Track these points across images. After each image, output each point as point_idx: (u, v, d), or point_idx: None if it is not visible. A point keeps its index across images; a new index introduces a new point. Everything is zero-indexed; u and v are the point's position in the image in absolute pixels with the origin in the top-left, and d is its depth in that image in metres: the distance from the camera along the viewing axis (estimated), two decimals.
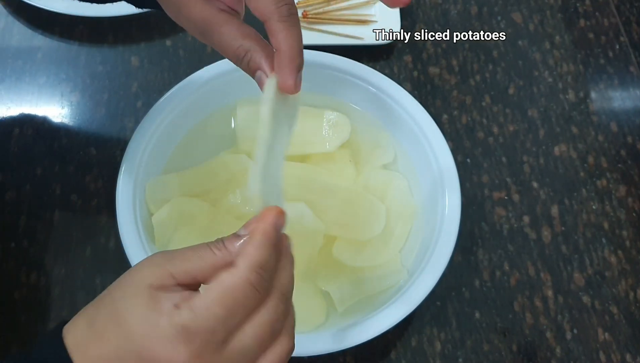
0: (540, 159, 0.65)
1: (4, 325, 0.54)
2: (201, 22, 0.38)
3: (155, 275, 0.33)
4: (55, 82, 0.67)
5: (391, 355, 0.55)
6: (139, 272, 0.34)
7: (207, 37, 0.38)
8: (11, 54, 0.68)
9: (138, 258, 0.48)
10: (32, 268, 0.57)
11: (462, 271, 0.59)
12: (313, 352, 0.47)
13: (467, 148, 0.65)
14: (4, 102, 0.66)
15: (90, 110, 0.65)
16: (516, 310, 0.57)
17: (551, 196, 0.63)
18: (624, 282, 0.59)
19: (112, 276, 0.57)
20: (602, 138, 0.67)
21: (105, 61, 0.68)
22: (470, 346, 0.56)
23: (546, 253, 0.60)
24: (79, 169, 0.62)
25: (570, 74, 0.70)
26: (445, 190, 0.53)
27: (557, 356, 0.56)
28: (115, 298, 0.33)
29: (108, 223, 0.59)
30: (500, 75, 0.70)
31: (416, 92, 0.68)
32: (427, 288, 0.49)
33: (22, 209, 0.59)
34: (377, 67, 0.68)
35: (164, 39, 0.70)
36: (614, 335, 0.57)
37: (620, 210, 0.63)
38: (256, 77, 0.38)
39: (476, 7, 0.74)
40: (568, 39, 0.73)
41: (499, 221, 0.61)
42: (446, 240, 0.51)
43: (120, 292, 0.33)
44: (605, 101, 0.69)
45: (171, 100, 0.56)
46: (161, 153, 0.56)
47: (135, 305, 0.32)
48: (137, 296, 0.32)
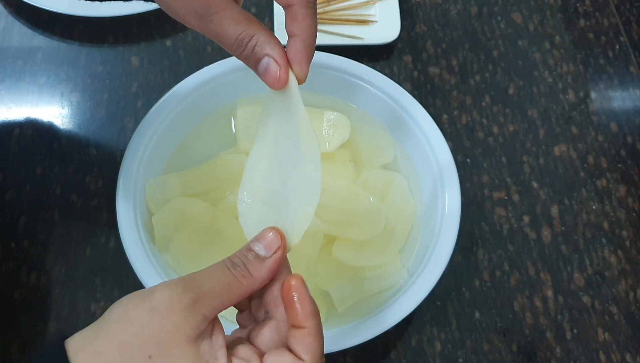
0: (540, 159, 0.65)
1: (4, 325, 0.54)
2: (201, 4, 0.35)
3: (190, 324, 0.31)
4: (55, 83, 0.67)
5: (391, 355, 0.55)
6: (170, 320, 0.31)
7: (205, 21, 0.35)
8: (11, 54, 0.68)
9: (138, 257, 0.48)
10: (32, 268, 0.57)
11: (462, 271, 0.59)
12: None
13: (467, 148, 0.65)
14: (4, 102, 0.66)
15: (91, 110, 0.65)
16: (516, 310, 0.57)
17: (551, 196, 0.63)
18: (624, 282, 0.59)
19: (112, 276, 0.57)
20: (602, 138, 0.67)
21: (105, 61, 0.68)
22: (470, 346, 0.56)
23: (546, 253, 0.60)
24: (79, 169, 0.62)
25: (570, 74, 0.70)
26: (445, 190, 0.53)
27: (557, 356, 0.56)
28: (151, 354, 0.31)
29: (108, 223, 0.59)
30: (500, 75, 0.70)
31: (416, 92, 0.68)
32: (427, 288, 0.49)
33: (22, 210, 0.59)
34: (377, 67, 0.68)
35: (164, 39, 0.70)
36: (613, 335, 0.57)
37: (620, 210, 0.63)
38: (261, 65, 0.35)
39: (476, 7, 0.74)
40: (568, 39, 0.73)
41: (499, 221, 0.61)
42: (446, 240, 0.51)
43: (157, 348, 0.31)
44: (605, 101, 0.69)
45: (171, 100, 0.56)
46: (161, 153, 0.56)
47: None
48: (180, 356, 0.31)
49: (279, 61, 0.34)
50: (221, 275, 0.32)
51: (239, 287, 0.32)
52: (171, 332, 0.31)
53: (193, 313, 0.31)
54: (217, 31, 0.35)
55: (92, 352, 0.31)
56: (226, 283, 0.32)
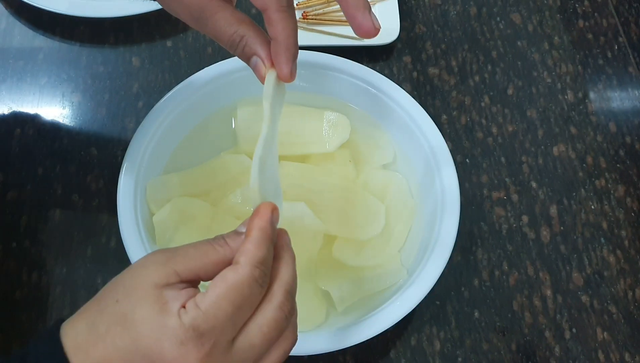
0: (539, 160, 0.65)
1: (5, 324, 0.54)
2: (196, 8, 0.38)
3: (159, 274, 0.32)
4: (56, 83, 0.67)
5: (391, 355, 0.55)
6: (142, 271, 0.33)
7: (202, 23, 0.38)
8: (12, 55, 0.69)
9: (139, 257, 0.48)
10: (33, 267, 0.57)
11: (461, 270, 0.59)
12: (313, 352, 0.47)
13: (466, 148, 0.65)
14: (5, 102, 0.66)
15: (92, 110, 0.66)
16: (515, 309, 0.58)
17: (550, 196, 0.63)
18: (623, 282, 0.59)
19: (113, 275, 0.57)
20: (601, 138, 0.67)
21: (106, 61, 0.68)
22: (470, 345, 0.56)
23: (545, 253, 0.60)
24: (80, 169, 0.62)
25: (569, 75, 0.71)
26: (445, 190, 0.53)
27: (556, 355, 0.56)
28: (118, 298, 0.33)
29: (109, 222, 0.59)
30: (500, 75, 0.70)
31: (415, 92, 0.68)
32: (426, 287, 0.49)
33: (23, 209, 0.60)
34: (376, 67, 0.68)
35: (165, 39, 0.70)
36: (612, 334, 0.57)
37: (619, 210, 0.63)
38: (251, 63, 0.38)
39: (475, 7, 0.74)
40: (567, 39, 0.73)
41: (498, 221, 0.62)
42: (445, 240, 0.51)
43: (124, 292, 0.33)
44: (604, 102, 0.69)
45: (172, 100, 0.56)
46: (162, 153, 0.56)
47: (141, 306, 0.32)
48: (143, 296, 0.32)
49: (264, 61, 0.38)
50: (199, 243, 0.34)
51: (214, 253, 0.34)
52: (139, 279, 0.33)
53: (164, 265, 0.33)
54: (212, 33, 0.38)
55: (76, 315, 0.34)
56: (202, 249, 0.34)
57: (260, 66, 0.38)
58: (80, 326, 0.33)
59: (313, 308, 0.52)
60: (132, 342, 0.31)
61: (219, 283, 0.32)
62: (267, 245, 0.34)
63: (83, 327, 0.33)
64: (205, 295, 0.32)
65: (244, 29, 0.38)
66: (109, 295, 0.33)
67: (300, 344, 0.47)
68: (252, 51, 0.38)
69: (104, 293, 0.34)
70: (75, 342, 0.32)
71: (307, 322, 0.51)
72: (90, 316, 0.33)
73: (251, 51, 0.38)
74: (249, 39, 0.38)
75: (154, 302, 0.32)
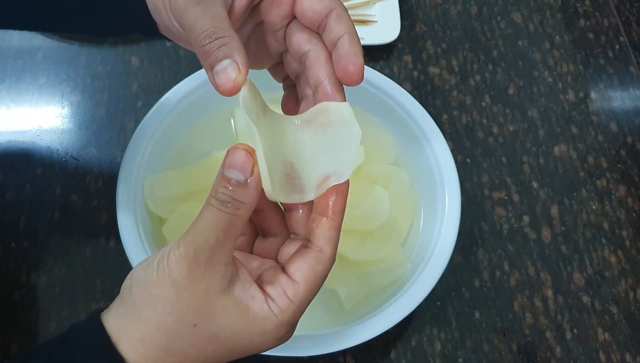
0: (540, 159, 0.65)
1: (4, 325, 0.54)
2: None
3: (217, 279, 0.32)
4: (55, 83, 0.67)
5: (391, 355, 0.55)
6: (198, 287, 0.32)
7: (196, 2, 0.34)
8: (11, 54, 0.68)
9: (138, 257, 0.48)
10: (32, 267, 0.57)
11: (462, 271, 0.59)
12: (313, 352, 0.47)
13: (467, 148, 0.65)
14: (4, 102, 0.66)
15: (91, 110, 0.65)
16: (516, 310, 0.57)
17: (551, 196, 0.63)
18: (624, 282, 0.59)
19: (112, 276, 0.57)
20: (602, 138, 0.67)
21: (105, 61, 0.68)
22: (470, 346, 0.56)
23: (546, 253, 0.60)
24: (79, 170, 0.62)
25: (570, 74, 0.70)
26: (445, 190, 0.53)
27: (557, 356, 0.56)
28: (196, 322, 0.32)
29: (108, 223, 0.59)
30: (500, 75, 0.70)
31: (416, 92, 0.68)
32: (427, 288, 0.49)
33: (22, 210, 0.59)
34: (377, 67, 0.68)
35: (164, 39, 0.69)
36: (613, 334, 0.57)
37: (620, 210, 0.63)
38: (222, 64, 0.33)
39: (476, 7, 0.74)
40: (568, 39, 0.73)
41: (499, 221, 0.61)
42: (446, 240, 0.51)
43: (195, 313, 0.32)
44: (605, 101, 0.69)
45: (171, 100, 0.56)
46: (161, 153, 0.56)
47: (229, 320, 0.32)
48: (223, 310, 0.32)
49: (240, 67, 0.33)
50: (218, 220, 0.32)
51: (239, 220, 0.32)
52: (204, 296, 0.32)
53: (214, 268, 0.32)
54: (196, 16, 0.34)
55: (135, 339, 0.32)
56: (226, 225, 0.32)
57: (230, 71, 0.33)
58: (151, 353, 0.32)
59: (318, 308, 0.52)
60: (227, 352, 0.33)
61: (308, 276, 0.33)
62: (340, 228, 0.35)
63: (155, 353, 0.32)
64: (295, 285, 0.33)
65: (230, 30, 0.34)
66: (177, 321, 0.32)
67: (301, 345, 0.47)
68: (229, 53, 0.33)
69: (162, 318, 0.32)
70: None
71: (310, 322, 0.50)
72: (158, 341, 0.32)
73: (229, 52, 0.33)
74: (233, 41, 0.33)
75: (238, 312, 0.32)
